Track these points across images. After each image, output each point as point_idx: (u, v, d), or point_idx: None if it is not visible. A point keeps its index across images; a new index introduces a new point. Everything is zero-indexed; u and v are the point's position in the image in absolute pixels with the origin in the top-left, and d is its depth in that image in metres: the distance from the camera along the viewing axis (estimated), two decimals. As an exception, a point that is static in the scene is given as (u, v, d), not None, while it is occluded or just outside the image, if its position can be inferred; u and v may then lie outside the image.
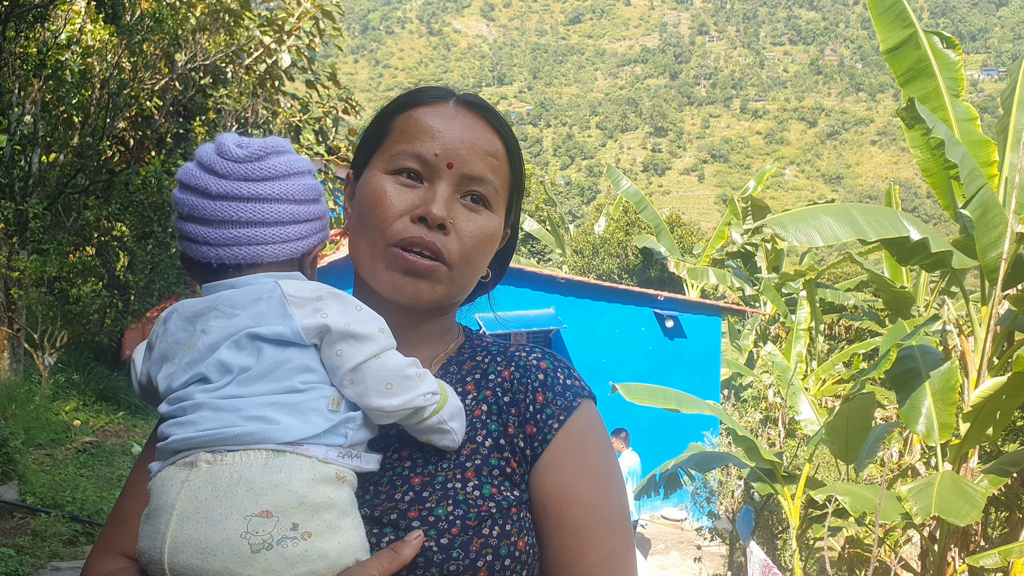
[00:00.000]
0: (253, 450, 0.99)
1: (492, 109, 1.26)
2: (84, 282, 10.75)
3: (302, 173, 1.16)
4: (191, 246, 1.12)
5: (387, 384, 1.05)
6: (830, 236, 5.97)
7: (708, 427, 12.63)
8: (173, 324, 1.11)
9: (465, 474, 1.11)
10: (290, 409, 1.02)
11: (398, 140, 1.19)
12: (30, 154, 10.60)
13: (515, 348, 1.26)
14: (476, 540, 1.06)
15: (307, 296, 1.07)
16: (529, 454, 1.15)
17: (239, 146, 1.11)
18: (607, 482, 1.16)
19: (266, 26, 13.78)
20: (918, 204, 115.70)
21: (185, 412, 1.04)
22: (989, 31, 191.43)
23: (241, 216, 1.09)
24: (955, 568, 6.50)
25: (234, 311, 1.07)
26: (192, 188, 1.11)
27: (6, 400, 8.79)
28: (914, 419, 6.47)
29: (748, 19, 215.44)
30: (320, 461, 1.01)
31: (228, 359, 1.04)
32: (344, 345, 1.04)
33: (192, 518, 0.96)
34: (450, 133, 1.18)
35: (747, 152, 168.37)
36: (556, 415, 1.16)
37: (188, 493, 0.97)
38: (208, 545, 0.94)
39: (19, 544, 5.91)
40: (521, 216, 8.26)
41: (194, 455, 1.00)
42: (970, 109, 6.74)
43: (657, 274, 25.61)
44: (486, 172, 1.19)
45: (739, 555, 10.00)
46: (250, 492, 0.96)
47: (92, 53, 11.27)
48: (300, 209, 1.14)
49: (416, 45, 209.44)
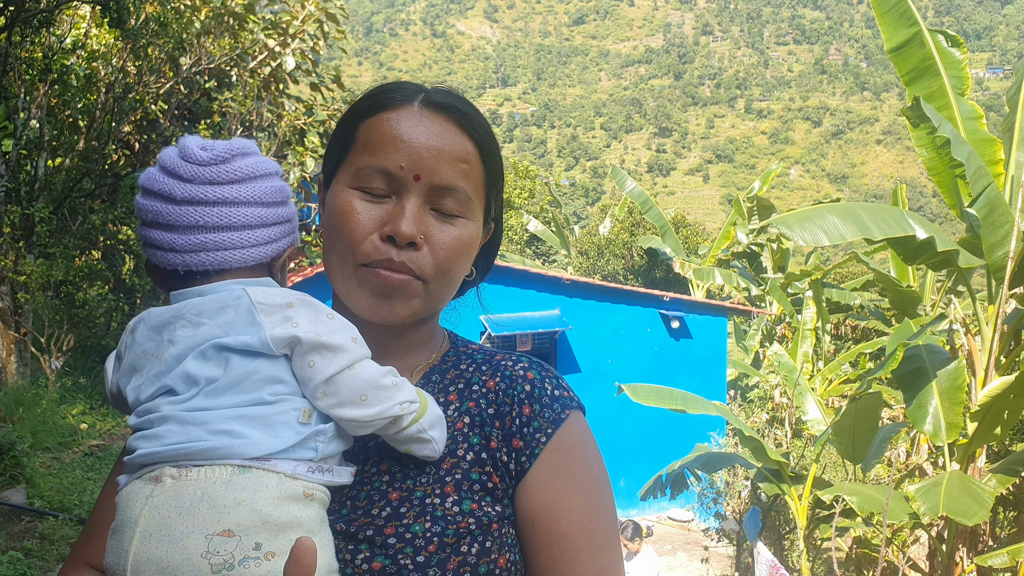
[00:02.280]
0: (219, 466, 0.96)
1: (460, 107, 1.18)
2: (90, 286, 10.79)
3: (269, 175, 1.13)
4: (156, 253, 1.08)
5: (361, 395, 1.02)
6: (836, 235, 5.95)
7: (714, 428, 12.62)
8: (140, 334, 1.08)
9: (445, 489, 1.08)
10: (258, 422, 0.99)
11: (362, 152, 1.15)
12: (36, 158, 10.63)
13: (501, 356, 1.23)
14: (454, 558, 1.04)
15: (276, 303, 1.04)
16: (515, 469, 1.12)
17: (203, 148, 1.09)
18: (597, 497, 1.14)
19: (270, 29, 13.80)
20: (924, 203, 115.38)
21: (152, 425, 1.01)
22: (994, 29, 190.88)
23: (207, 221, 1.06)
24: (963, 568, 6.47)
25: (200, 320, 1.04)
26: (155, 193, 1.07)
27: (13, 404, 8.81)
28: (921, 419, 6.45)
29: (752, 19, 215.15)
30: (288, 477, 0.98)
31: (194, 370, 1.01)
32: (316, 356, 1.02)
33: (154, 535, 0.93)
34: (415, 141, 1.12)
35: (752, 152, 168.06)
36: (544, 428, 1.13)
37: (152, 509, 0.95)
38: (169, 564, 0.91)
39: (27, 547, 5.92)
40: (528, 218, 8.23)
41: (159, 470, 0.98)
42: (975, 107, 6.72)
43: (662, 275, 25.57)
44: (456, 180, 1.14)
45: (746, 556, 9.98)
46: (212, 510, 0.93)
47: (97, 57, 11.32)
48: (268, 212, 1.11)
49: (420, 47, 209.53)
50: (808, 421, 9.03)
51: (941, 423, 6.39)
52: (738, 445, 10.67)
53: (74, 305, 10.67)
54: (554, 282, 13.85)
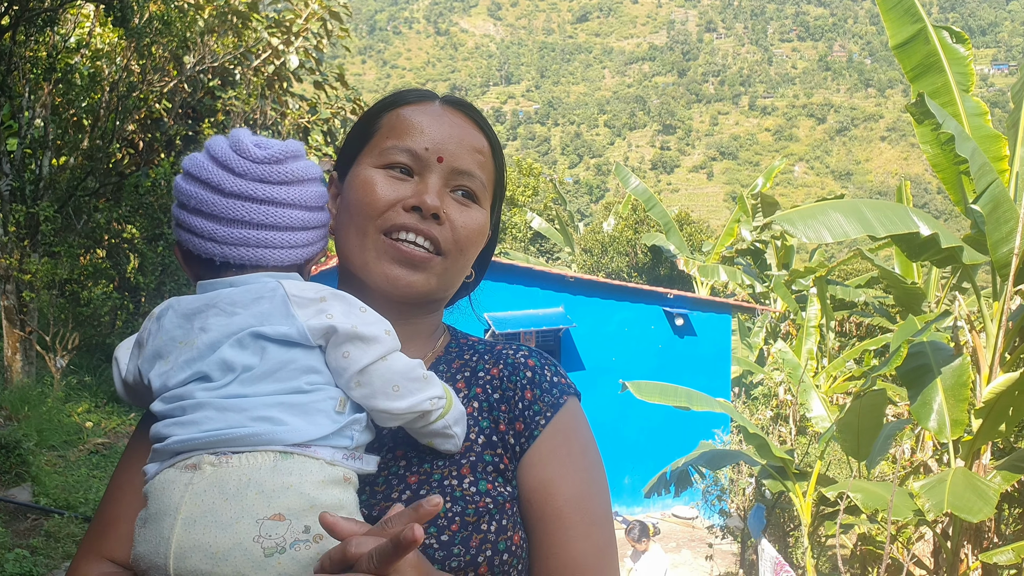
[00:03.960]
0: (260, 452, 0.97)
1: (476, 109, 1.28)
2: (95, 284, 10.81)
3: (314, 180, 1.15)
4: (193, 240, 1.09)
5: (394, 386, 1.04)
6: (839, 232, 5.95)
7: (719, 425, 12.61)
8: (168, 321, 1.08)
9: (461, 471, 1.12)
10: (297, 410, 1.00)
11: (387, 136, 1.20)
12: (40, 157, 10.65)
13: (502, 346, 1.26)
14: (476, 536, 1.07)
15: (310, 297, 1.06)
16: (518, 450, 1.16)
17: (257, 146, 1.10)
18: (591, 477, 1.18)
19: (274, 28, 13.82)
20: (929, 200, 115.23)
21: (184, 411, 1.01)
22: (999, 25, 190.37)
23: (253, 217, 1.08)
24: (968, 565, 6.47)
25: (235, 309, 1.05)
26: (203, 182, 1.08)
27: (19, 402, 8.84)
28: (926, 415, 6.45)
29: (756, 16, 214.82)
30: (327, 463, 1.00)
31: (231, 357, 1.02)
32: (351, 347, 1.03)
33: (199, 522, 0.93)
34: (439, 129, 1.20)
35: (756, 149, 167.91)
36: (543, 411, 1.18)
37: (193, 496, 0.95)
38: (219, 550, 0.92)
39: (33, 545, 5.94)
40: (532, 216, 8.26)
41: (196, 457, 0.98)
42: (980, 104, 6.71)
43: (666, 272, 25.56)
44: (474, 167, 1.20)
45: (751, 553, 9.99)
46: (261, 495, 0.94)
47: (101, 56, 11.33)
48: (309, 216, 1.13)
49: (423, 45, 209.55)
50: (812, 418, 9.03)
51: (946, 420, 6.38)
52: (742, 442, 10.66)
53: (79, 304, 10.69)
54: (558, 280, 13.86)
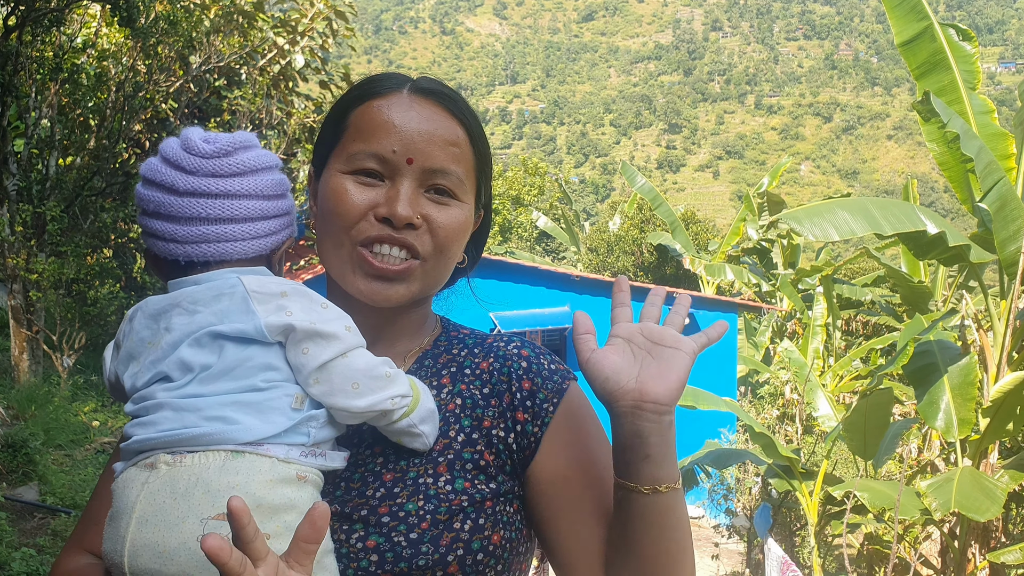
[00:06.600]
0: (212, 451, 0.98)
1: (449, 94, 1.20)
2: (102, 284, 10.83)
3: (270, 168, 1.14)
4: (157, 243, 1.10)
5: (353, 384, 1.03)
6: (846, 231, 5.93)
7: (725, 424, 12.59)
8: (138, 322, 1.09)
9: (437, 469, 1.11)
10: (251, 408, 1.00)
11: (354, 139, 1.16)
12: (47, 157, 10.69)
13: (493, 339, 1.25)
14: (446, 534, 1.06)
15: (271, 292, 1.05)
16: (521, 441, 1.14)
17: (206, 141, 1.09)
18: (606, 453, 1.16)
19: (279, 27, 13.82)
20: (935, 198, 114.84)
21: (148, 412, 1.02)
22: (1006, 23, 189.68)
23: (210, 213, 1.07)
24: (976, 564, 6.45)
25: (196, 308, 1.05)
26: (157, 184, 1.09)
27: (26, 401, 8.87)
28: (933, 415, 6.42)
29: (762, 14, 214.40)
30: (281, 461, 1.00)
31: (189, 357, 1.02)
32: (310, 344, 1.03)
33: (151, 521, 0.95)
34: (407, 126, 1.14)
35: (762, 148, 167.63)
36: (550, 398, 1.16)
37: (147, 495, 0.97)
38: (166, 549, 0.94)
39: (40, 543, 5.96)
40: (538, 215, 8.26)
41: (154, 456, 0.99)
42: (987, 102, 6.68)
43: (672, 271, 25.52)
44: (448, 163, 1.15)
45: (757, 552, 9.96)
46: (207, 494, 0.95)
47: (107, 56, 11.36)
48: (269, 205, 1.13)
49: (429, 45, 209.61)
50: (819, 417, 9.01)
51: (953, 419, 6.36)
52: (748, 441, 10.65)
53: (86, 303, 10.71)
54: (564, 279, 13.86)
